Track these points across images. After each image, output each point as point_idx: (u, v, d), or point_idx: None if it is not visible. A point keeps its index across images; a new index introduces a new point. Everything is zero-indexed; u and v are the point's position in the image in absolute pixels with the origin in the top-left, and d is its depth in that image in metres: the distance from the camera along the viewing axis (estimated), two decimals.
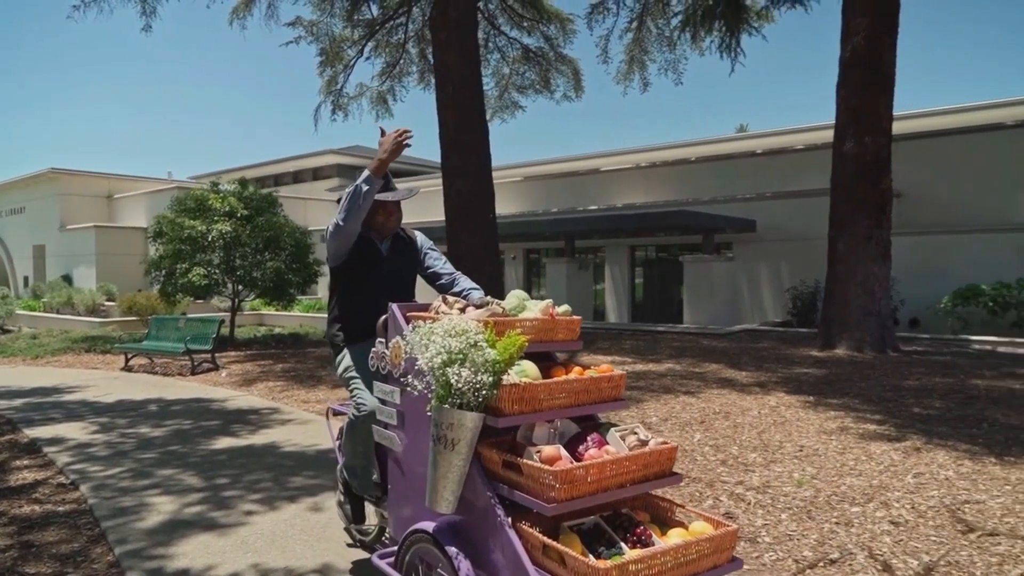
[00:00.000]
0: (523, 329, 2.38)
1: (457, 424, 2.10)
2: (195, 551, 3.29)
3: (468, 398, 2.10)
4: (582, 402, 2.34)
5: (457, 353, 2.11)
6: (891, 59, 10.30)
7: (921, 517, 3.49)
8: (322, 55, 18.80)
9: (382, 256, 3.07)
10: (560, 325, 2.53)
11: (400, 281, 3.08)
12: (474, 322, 2.25)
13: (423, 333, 2.22)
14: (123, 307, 18.89)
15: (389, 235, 3.10)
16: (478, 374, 2.09)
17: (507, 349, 2.15)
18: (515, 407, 2.17)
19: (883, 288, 10.37)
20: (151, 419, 6.42)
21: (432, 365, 2.13)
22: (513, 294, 2.66)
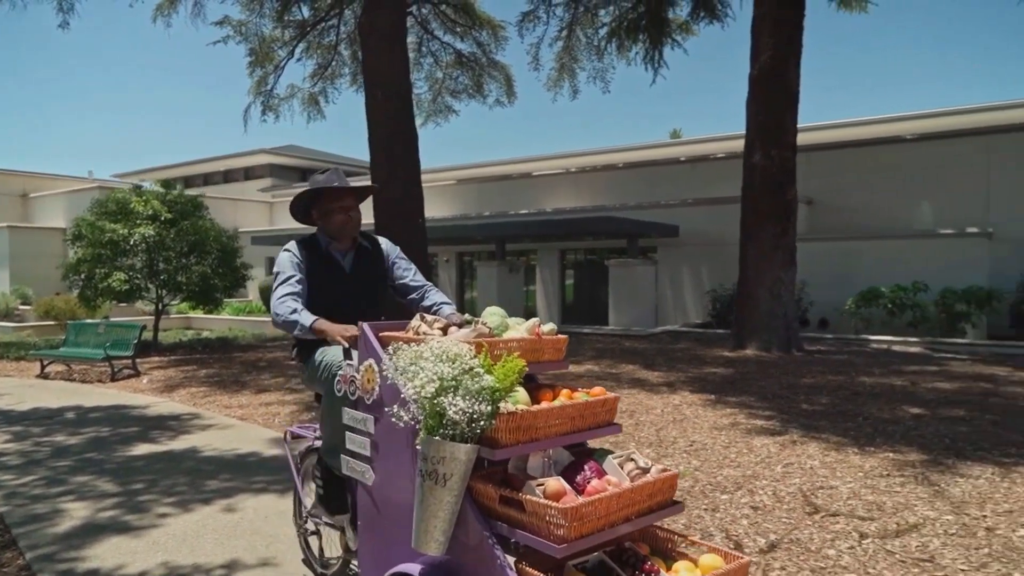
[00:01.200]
0: (509, 350, 2.25)
1: (450, 458, 1.94)
2: (107, 553, 3.44)
3: (463, 429, 1.94)
4: (577, 428, 2.22)
5: (451, 380, 1.96)
6: (795, 78, 11.02)
7: (779, 502, 3.93)
8: (251, 55, 18.59)
9: (345, 273, 2.86)
10: (547, 345, 2.41)
11: (367, 297, 2.88)
12: (464, 345, 2.11)
13: (410, 358, 2.05)
14: (40, 311, 18.24)
15: (351, 244, 2.89)
16: (475, 403, 1.94)
17: (507, 376, 2.01)
18: (512, 437, 2.03)
19: (789, 292, 11.07)
20: (68, 427, 6.41)
21: (423, 395, 1.97)
22: (491, 311, 2.50)
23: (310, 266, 2.78)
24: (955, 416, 6.15)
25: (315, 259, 2.81)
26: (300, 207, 2.92)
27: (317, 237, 2.88)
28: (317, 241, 2.87)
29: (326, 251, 2.86)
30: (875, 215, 15.77)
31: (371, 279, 2.91)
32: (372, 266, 2.93)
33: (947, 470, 4.45)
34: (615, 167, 19.62)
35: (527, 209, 19.50)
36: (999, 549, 3.19)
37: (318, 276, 2.79)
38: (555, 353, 2.46)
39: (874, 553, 3.19)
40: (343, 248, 2.88)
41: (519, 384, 2.18)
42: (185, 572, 3.22)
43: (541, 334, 2.42)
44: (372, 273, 2.92)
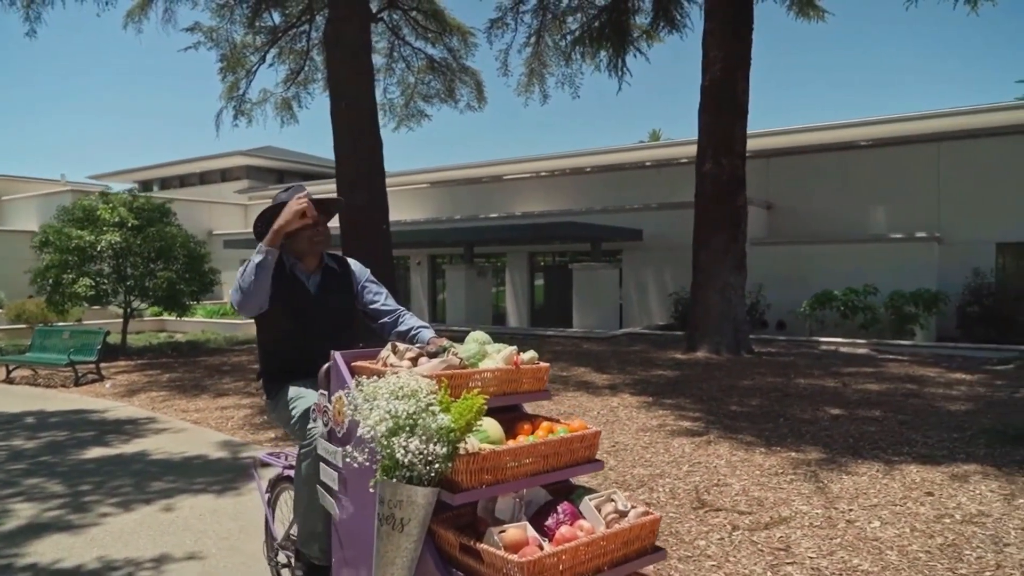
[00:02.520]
0: (483, 382, 2.18)
1: (407, 501, 1.86)
2: (46, 549, 3.74)
3: (419, 471, 1.85)
4: (553, 467, 2.11)
5: (406, 419, 1.86)
6: (744, 89, 11.43)
7: (673, 498, 4.30)
8: (223, 61, 18.76)
9: (311, 295, 2.72)
10: (525, 375, 2.31)
11: (336, 322, 2.73)
12: (425, 379, 2.00)
13: (367, 393, 1.96)
14: (11, 315, 18.33)
15: (317, 264, 2.77)
16: (429, 444, 1.84)
17: (463, 415, 1.89)
18: (474, 480, 1.93)
19: (739, 296, 11.49)
20: (26, 431, 6.67)
21: (375, 434, 1.88)
22: (471, 338, 2.40)
23: (274, 284, 2.56)
24: (870, 417, 6.55)
25: (279, 279, 2.59)
26: (265, 226, 2.68)
27: (281, 256, 2.66)
28: (281, 260, 2.66)
29: (290, 272, 2.70)
30: (832, 219, 16.27)
31: (339, 302, 2.77)
32: (340, 289, 2.79)
33: (838, 468, 4.84)
34: (583, 171, 20.02)
35: (497, 212, 19.84)
36: (850, 539, 3.57)
37: (282, 298, 2.60)
38: (535, 383, 2.35)
39: (739, 544, 3.56)
40: (309, 269, 2.75)
41: (490, 418, 2.10)
42: (117, 566, 3.53)
43: (520, 363, 2.30)
44: (340, 296, 2.78)
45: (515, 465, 2.02)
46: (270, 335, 2.75)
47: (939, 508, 3.95)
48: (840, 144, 17.00)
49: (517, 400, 2.35)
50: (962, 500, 4.07)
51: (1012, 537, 3.50)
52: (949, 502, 4.05)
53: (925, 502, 4.06)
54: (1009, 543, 3.43)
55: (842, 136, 17.59)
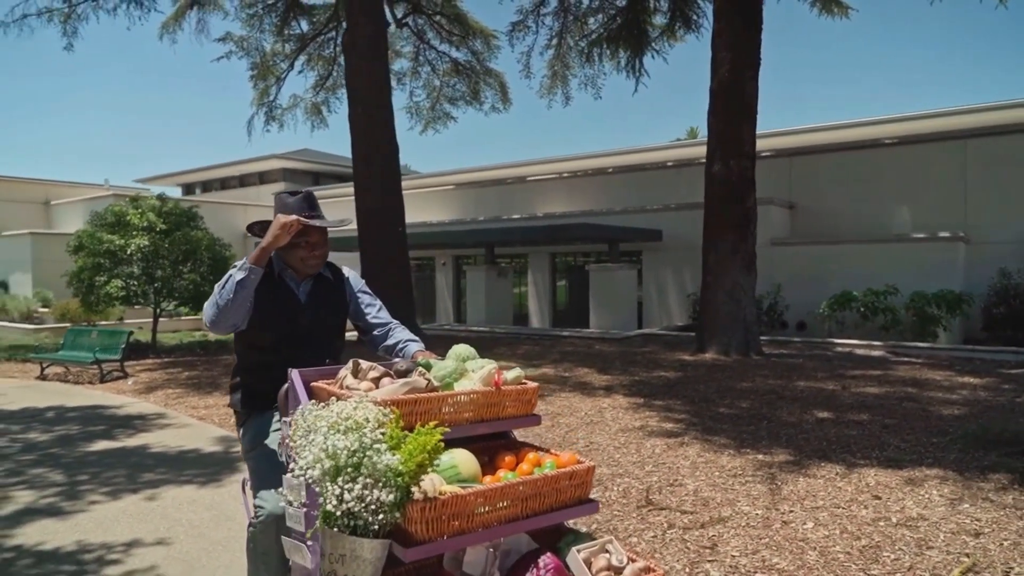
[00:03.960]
0: (456, 407, 1.92)
1: (350, 556, 1.59)
2: (33, 532, 4.09)
3: (365, 519, 1.58)
4: (534, 511, 1.81)
5: (348, 457, 1.58)
6: (753, 90, 11.39)
7: (624, 497, 4.44)
8: (253, 69, 19.39)
9: (300, 304, 2.52)
10: (508, 397, 2.02)
11: (322, 334, 2.54)
12: (375, 408, 1.72)
13: (306, 425, 1.71)
14: (56, 314, 19.25)
15: (311, 275, 2.57)
16: (372, 489, 1.56)
17: (412, 456, 1.61)
18: (432, 530, 1.64)
19: (749, 297, 11.46)
20: (44, 425, 7.14)
21: (309, 477, 1.61)
22: (452, 353, 2.18)
23: (260, 290, 2.36)
24: (855, 421, 6.55)
25: (266, 283, 2.41)
26: (261, 232, 2.54)
27: (271, 259, 2.47)
28: (270, 263, 2.47)
29: (279, 277, 2.52)
30: (856, 219, 16.01)
31: (328, 312, 2.58)
32: (331, 299, 2.61)
33: (798, 471, 4.90)
34: (605, 171, 20.07)
35: (520, 213, 20.03)
36: (778, 540, 3.67)
37: (266, 305, 2.40)
38: (520, 406, 2.07)
39: (669, 542, 3.70)
40: (300, 277, 2.56)
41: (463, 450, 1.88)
42: (91, 549, 3.84)
43: (502, 383, 2.02)
44: (330, 306, 2.59)
45: (486, 511, 1.70)
46: (250, 346, 2.50)
47: (880, 511, 4.01)
48: (864, 142, 16.71)
49: (499, 427, 2.04)
50: (907, 504, 4.12)
51: (939, 541, 3.55)
52: (893, 506, 4.10)
53: (869, 505, 4.12)
54: (933, 546, 3.49)
55: (866, 134, 17.28)
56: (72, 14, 14.07)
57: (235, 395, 2.56)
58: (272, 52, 19.51)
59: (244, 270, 2.30)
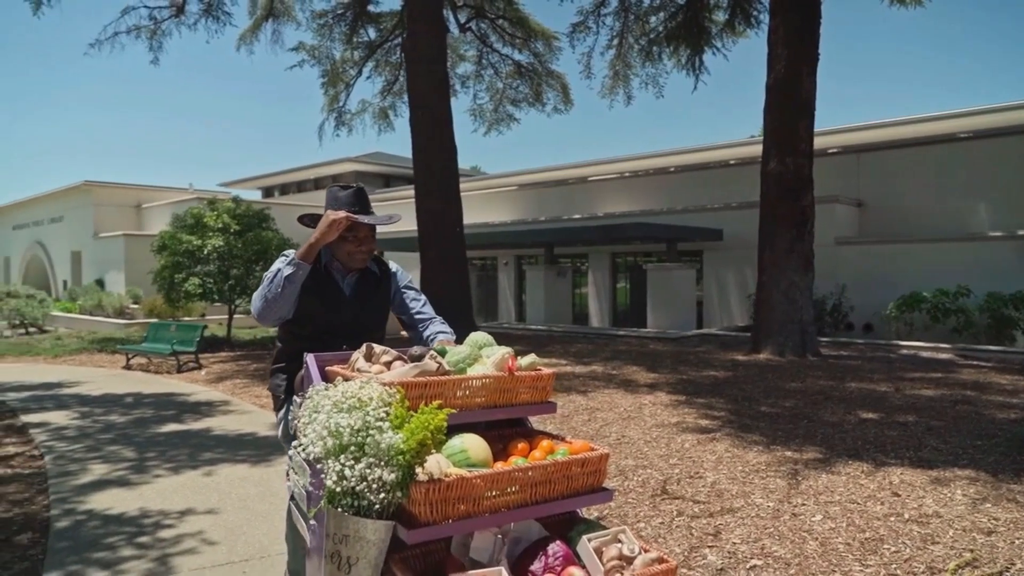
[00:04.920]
0: (469, 391, 1.91)
1: (353, 537, 1.59)
2: (104, 500, 4.58)
3: (369, 500, 1.58)
4: (544, 497, 1.79)
5: (351, 436, 1.60)
6: (811, 86, 11.18)
7: (641, 487, 4.58)
8: (324, 76, 20.24)
9: (344, 297, 2.57)
10: (522, 383, 2.01)
11: (363, 327, 2.57)
12: (379, 388, 1.73)
13: (313, 404, 1.72)
14: (145, 310, 20.64)
15: (357, 268, 2.61)
16: (374, 468, 1.57)
17: (414, 434, 1.61)
18: (437, 512, 1.62)
19: (805, 297, 11.25)
20: (123, 408, 7.82)
21: (309, 455, 1.63)
22: (469, 340, 2.19)
23: (305, 280, 2.43)
24: (900, 421, 6.43)
25: (311, 275, 2.45)
26: (311, 224, 2.61)
27: (320, 251, 2.53)
28: (319, 255, 2.53)
29: (325, 269, 2.57)
30: (928, 216, 15.38)
31: (372, 306, 2.63)
32: (375, 293, 2.65)
33: (823, 468, 4.91)
34: (667, 171, 19.93)
35: (581, 213, 20.14)
36: (783, 530, 3.74)
37: (311, 296, 2.46)
38: (534, 393, 2.05)
39: (674, 528, 3.83)
40: (346, 270, 2.61)
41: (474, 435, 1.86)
42: (151, 515, 4.29)
43: (516, 369, 2.01)
44: (374, 301, 2.64)
45: (494, 495, 1.68)
46: (293, 335, 2.56)
47: (894, 508, 4.02)
48: (938, 137, 16.03)
49: (512, 413, 2.01)
50: (926, 502, 4.11)
51: (947, 537, 3.56)
52: (911, 503, 4.09)
53: (886, 502, 4.13)
54: (939, 542, 3.49)
55: (940, 129, 16.57)
56: (157, 30, 15.15)
57: (275, 379, 2.61)
58: (342, 59, 20.30)
59: (292, 265, 2.36)
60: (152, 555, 3.66)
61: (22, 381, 9.99)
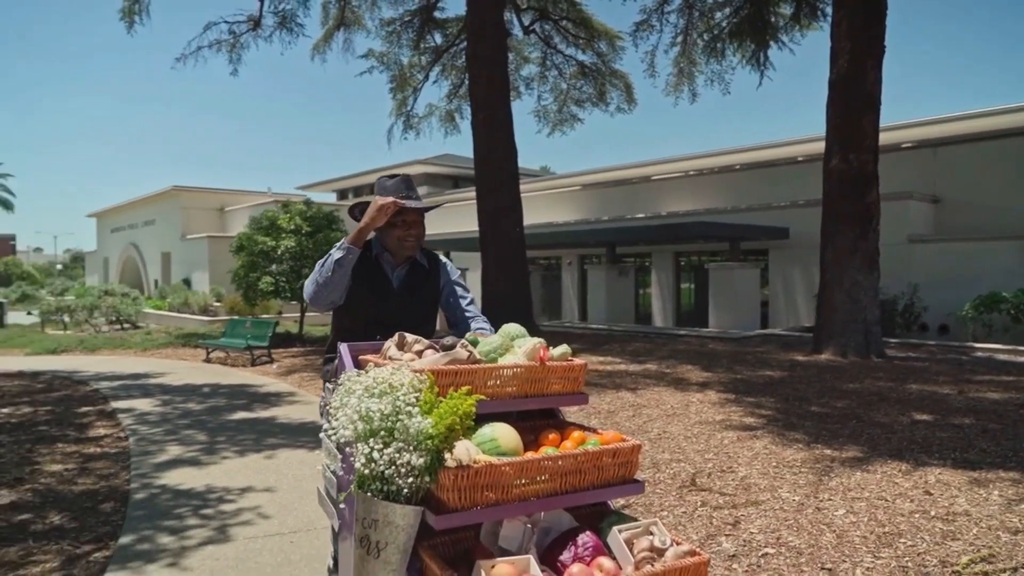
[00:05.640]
0: (500, 380, 1.91)
1: (383, 522, 1.60)
2: (176, 476, 5.07)
3: (398, 485, 1.60)
4: (574, 487, 1.78)
5: (381, 420, 1.62)
6: (876, 79, 10.88)
7: (671, 479, 4.70)
8: (392, 81, 20.90)
9: (392, 288, 2.62)
10: (554, 373, 2.01)
11: (411, 319, 2.56)
12: (410, 374, 1.76)
13: (345, 389, 1.75)
14: (227, 307, 21.84)
15: (406, 258, 2.65)
16: (403, 452, 1.59)
17: (443, 418, 1.63)
18: (466, 498, 1.63)
19: (870, 296, 10.96)
20: (199, 397, 8.46)
21: (339, 438, 1.66)
22: (502, 331, 2.19)
23: (356, 270, 2.51)
24: (955, 424, 6.29)
25: (363, 264, 2.54)
26: (360, 215, 2.65)
27: (371, 242, 2.64)
28: (369, 246, 2.61)
29: (376, 260, 2.63)
30: (1010, 213, 14.64)
31: (420, 299, 2.66)
32: (423, 286, 2.68)
33: (859, 466, 4.91)
34: (732, 169, 19.64)
35: (644, 213, 20.08)
36: (803, 522, 3.82)
37: (362, 283, 2.54)
38: (567, 384, 2.05)
39: (696, 517, 3.96)
40: (396, 261, 2.66)
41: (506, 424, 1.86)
42: (215, 491, 4.73)
43: (548, 359, 2.02)
44: (421, 294, 2.67)
45: (523, 483, 1.69)
46: (343, 327, 2.62)
47: (922, 506, 4.02)
48: (1018, 129, 15.21)
49: (544, 404, 2.02)
50: (958, 501, 4.08)
51: (970, 534, 3.56)
52: (942, 501, 4.08)
53: (916, 499, 4.13)
54: (959, 539, 3.50)
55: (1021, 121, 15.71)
56: (236, 43, 16.08)
57: (326, 367, 2.65)
58: (409, 64, 20.92)
59: (343, 249, 2.42)
60: (213, 525, 4.07)
61: (114, 372, 10.87)
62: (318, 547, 3.69)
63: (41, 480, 4.98)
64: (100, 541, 3.84)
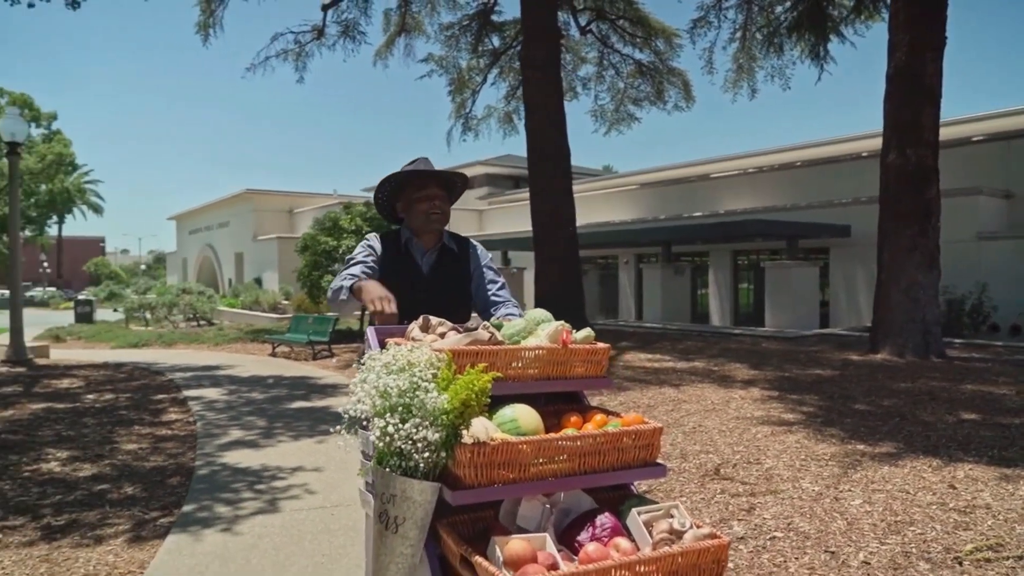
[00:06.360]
0: (523, 362, 1.91)
1: (400, 497, 1.63)
2: (235, 456, 5.53)
3: (415, 460, 1.63)
4: (593, 468, 1.79)
5: (398, 396, 1.65)
6: (936, 72, 10.58)
7: (697, 468, 4.84)
8: (451, 84, 21.38)
9: (422, 274, 2.60)
10: (576, 356, 2.00)
11: (444, 304, 2.47)
12: (429, 352, 1.77)
13: (366, 367, 1.78)
14: (294, 305, 22.80)
15: (435, 242, 2.64)
16: (419, 428, 1.61)
17: (458, 394, 1.64)
18: (482, 476, 1.65)
19: (929, 295, 10.67)
20: (263, 387, 9.03)
21: (356, 412, 1.69)
22: (529, 314, 2.19)
23: (385, 259, 2.55)
24: (1002, 423, 6.16)
25: (392, 253, 2.57)
26: (385, 202, 2.70)
27: (400, 231, 2.66)
28: (398, 234, 2.64)
29: (404, 247, 2.62)
30: None
31: (450, 284, 2.63)
32: (453, 271, 2.66)
33: (889, 461, 4.92)
34: (792, 166, 19.27)
35: (702, 211, 19.93)
36: (817, 510, 3.91)
37: (392, 272, 2.54)
38: (590, 367, 2.04)
39: (713, 503, 4.10)
40: (426, 246, 2.64)
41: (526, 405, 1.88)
42: (269, 469, 5.15)
43: (569, 342, 2.00)
44: (451, 279, 2.64)
45: (541, 463, 1.70)
46: None
47: (943, 498, 4.04)
48: None
49: (566, 387, 2.02)
50: (982, 495, 4.09)
51: (984, 526, 3.59)
52: (964, 495, 4.10)
53: (938, 492, 4.15)
54: (971, 529, 3.54)
55: None
56: (301, 52, 16.84)
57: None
58: (467, 67, 21.35)
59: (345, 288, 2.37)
60: (264, 498, 4.47)
61: (188, 364, 11.64)
62: (356, 520, 4.02)
63: (119, 457, 5.52)
64: (166, 509, 4.29)
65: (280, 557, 3.55)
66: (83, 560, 3.49)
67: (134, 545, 3.70)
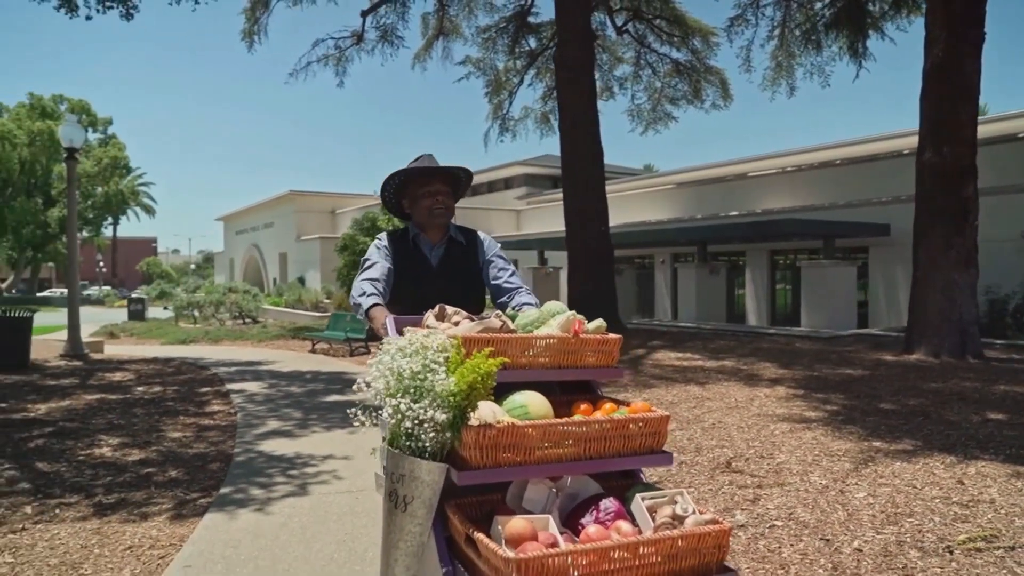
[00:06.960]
0: (534, 350, 1.96)
1: (409, 477, 1.69)
2: (271, 445, 5.87)
3: (423, 440, 1.68)
4: (599, 454, 1.82)
5: (411, 378, 1.71)
6: (973, 70, 10.41)
7: (709, 462, 4.98)
8: (488, 86, 21.66)
9: (431, 268, 2.68)
10: (588, 346, 2.04)
11: (455, 296, 2.49)
12: (442, 337, 1.83)
13: (384, 351, 1.85)
14: (335, 303, 23.40)
15: (441, 236, 2.71)
16: (427, 409, 1.67)
17: (464, 376, 1.70)
18: (488, 457, 1.69)
19: (966, 296, 10.51)
20: (301, 382, 9.43)
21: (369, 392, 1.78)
22: (545, 306, 2.23)
23: (396, 257, 2.64)
24: None
25: (402, 250, 2.66)
26: (391, 199, 2.80)
27: (407, 227, 2.76)
28: (406, 230, 2.75)
29: (413, 242, 2.70)
30: None
31: (460, 276, 2.70)
32: (462, 263, 2.73)
33: (903, 458, 4.98)
34: (832, 164, 19.01)
35: (738, 211, 19.79)
36: (820, 502, 4.02)
37: (403, 269, 2.64)
38: (600, 357, 2.07)
39: (720, 494, 4.24)
40: (433, 240, 2.71)
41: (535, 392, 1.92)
42: (302, 457, 5.47)
43: (581, 332, 2.04)
44: (461, 270, 2.71)
45: (547, 447, 1.74)
46: (393, 310, 2.55)
47: (948, 493, 4.11)
48: None
49: (577, 375, 2.06)
50: (988, 491, 4.14)
51: (983, 519, 3.65)
52: (971, 490, 4.16)
53: (944, 487, 4.22)
54: (969, 521, 3.62)
55: None
56: (341, 57, 17.33)
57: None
58: (504, 69, 21.60)
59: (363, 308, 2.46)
60: (296, 482, 4.78)
61: (232, 359, 12.15)
62: (379, 503, 4.27)
63: (164, 444, 5.91)
64: (205, 491, 4.62)
65: (307, 535, 3.83)
66: (130, 534, 3.82)
67: (175, 522, 4.03)
